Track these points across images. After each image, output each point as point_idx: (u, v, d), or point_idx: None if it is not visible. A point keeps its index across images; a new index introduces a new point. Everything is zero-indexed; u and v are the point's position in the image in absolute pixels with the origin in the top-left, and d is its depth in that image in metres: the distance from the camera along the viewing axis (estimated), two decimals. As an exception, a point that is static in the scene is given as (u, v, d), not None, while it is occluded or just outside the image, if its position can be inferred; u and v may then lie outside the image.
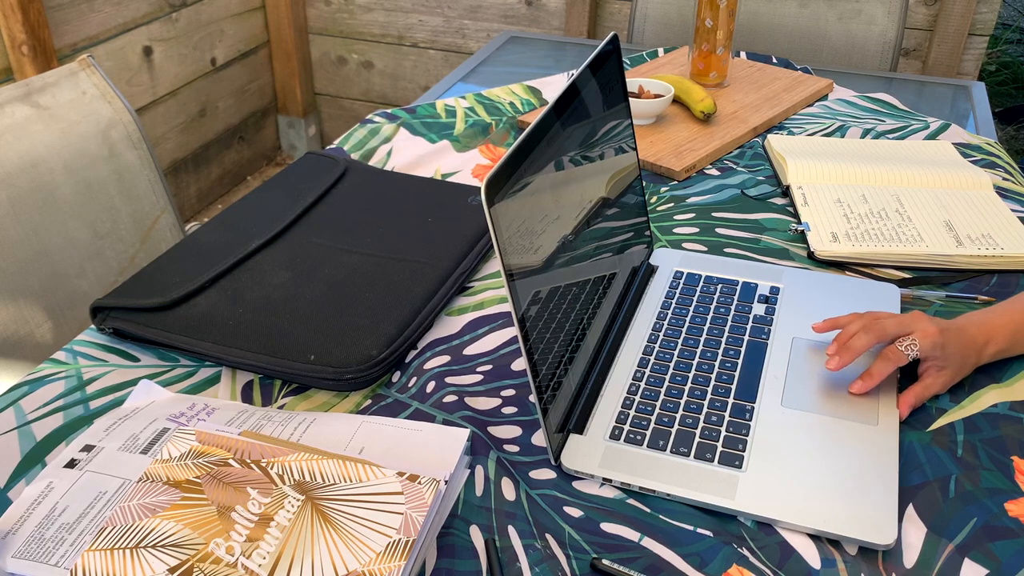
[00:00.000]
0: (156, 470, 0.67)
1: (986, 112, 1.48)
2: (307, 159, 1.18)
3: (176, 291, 0.89)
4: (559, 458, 0.74)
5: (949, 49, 2.18)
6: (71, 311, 1.10)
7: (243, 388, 0.83)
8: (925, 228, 1.05)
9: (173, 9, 2.36)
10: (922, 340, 0.78)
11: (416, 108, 1.40)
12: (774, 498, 0.69)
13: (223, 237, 0.99)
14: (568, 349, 0.76)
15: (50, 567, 0.63)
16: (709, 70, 1.45)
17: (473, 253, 0.99)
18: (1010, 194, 1.14)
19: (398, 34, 2.68)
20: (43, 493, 0.69)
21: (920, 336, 0.78)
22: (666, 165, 1.20)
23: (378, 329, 0.85)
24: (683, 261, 1.00)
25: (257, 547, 0.61)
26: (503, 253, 0.65)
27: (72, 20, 2.07)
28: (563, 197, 0.76)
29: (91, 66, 1.17)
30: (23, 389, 0.82)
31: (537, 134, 0.71)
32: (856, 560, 0.66)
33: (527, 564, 0.65)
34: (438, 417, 0.78)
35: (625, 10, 2.42)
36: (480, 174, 1.21)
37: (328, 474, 0.67)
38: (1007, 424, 0.78)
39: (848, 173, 1.16)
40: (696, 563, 0.65)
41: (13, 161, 1.05)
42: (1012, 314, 0.83)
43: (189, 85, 2.47)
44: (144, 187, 1.20)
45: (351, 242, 0.99)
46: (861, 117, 1.38)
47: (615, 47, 0.88)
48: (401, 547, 0.62)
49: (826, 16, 1.80)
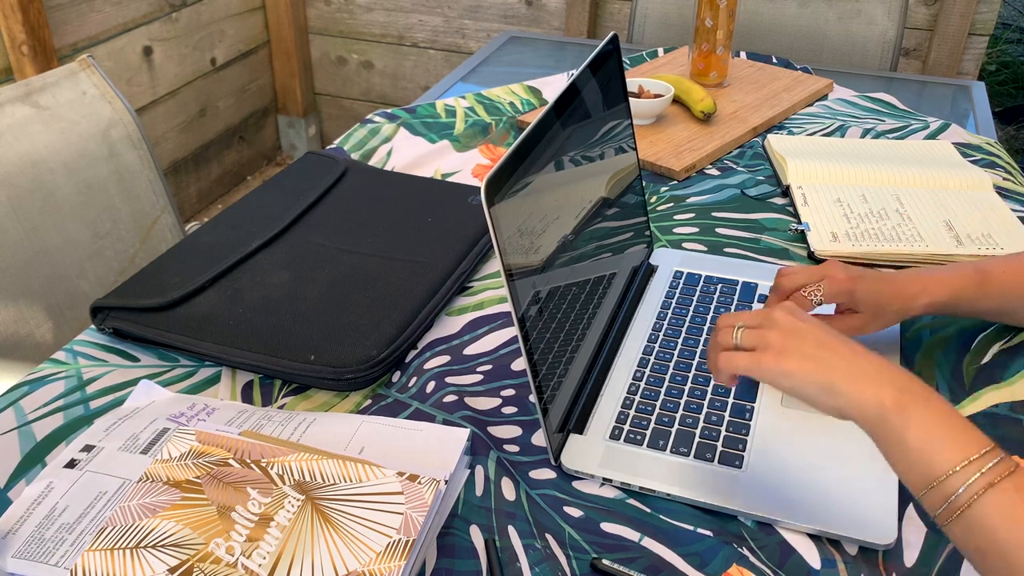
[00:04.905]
0: (156, 470, 0.67)
1: (986, 112, 1.48)
2: (307, 159, 1.18)
3: (176, 291, 0.89)
4: (559, 458, 0.74)
5: (949, 49, 2.18)
6: (71, 311, 1.10)
7: (243, 388, 0.83)
8: (925, 228, 1.05)
9: (173, 9, 2.36)
10: (828, 286, 0.77)
11: (416, 108, 1.40)
12: (774, 498, 0.69)
13: (223, 237, 0.99)
14: (568, 349, 0.76)
15: (50, 567, 0.63)
16: (709, 70, 1.45)
17: (473, 253, 0.99)
18: (1010, 194, 1.14)
19: (398, 34, 2.68)
20: (43, 493, 0.69)
21: (828, 282, 0.78)
22: (666, 165, 1.20)
23: (378, 329, 0.85)
24: (683, 261, 1.00)
25: (257, 547, 0.61)
26: (503, 253, 0.65)
27: (72, 20, 2.07)
28: (563, 197, 0.76)
29: (91, 66, 1.17)
30: (23, 389, 0.82)
31: (537, 134, 0.71)
32: (856, 560, 0.66)
33: (527, 564, 0.65)
34: (438, 417, 0.78)
35: (625, 10, 2.42)
36: (480, 174, 1.21)
37: (328, 474, 0.67)
38: (1007, 424, 0.78)
39: (848, 173, 1.16)
40: (696, 563, 0.65)
41: (13, 161, 1.05)
42: (962, 269, 0.80)
43: (189, 85, 2.47)
44: (144, 187, 1.20)
45: (351, 242, 0.99)
46: (861, 117, 1.38)
47: (615, 47, 0.88)
48: (401, 547, 0.62)
49: (826, 16, 1.80)
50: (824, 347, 0.62)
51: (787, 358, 0.62)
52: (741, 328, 0.65)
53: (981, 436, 0.57)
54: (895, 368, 0.60)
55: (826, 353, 0.61)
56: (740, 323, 0.66)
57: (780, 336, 0.63)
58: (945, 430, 0.57)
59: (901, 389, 0.59)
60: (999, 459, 0.55)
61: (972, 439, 0.56)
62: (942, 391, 0.82)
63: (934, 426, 0.57)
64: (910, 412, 0.58)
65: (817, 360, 0.61)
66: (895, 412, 0.58)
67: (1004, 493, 0.54)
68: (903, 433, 0.57)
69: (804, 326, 0.63)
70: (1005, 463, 0.55)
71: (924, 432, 0.57)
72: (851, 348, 0.62)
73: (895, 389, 0.59)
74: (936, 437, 0.57)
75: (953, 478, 0.55)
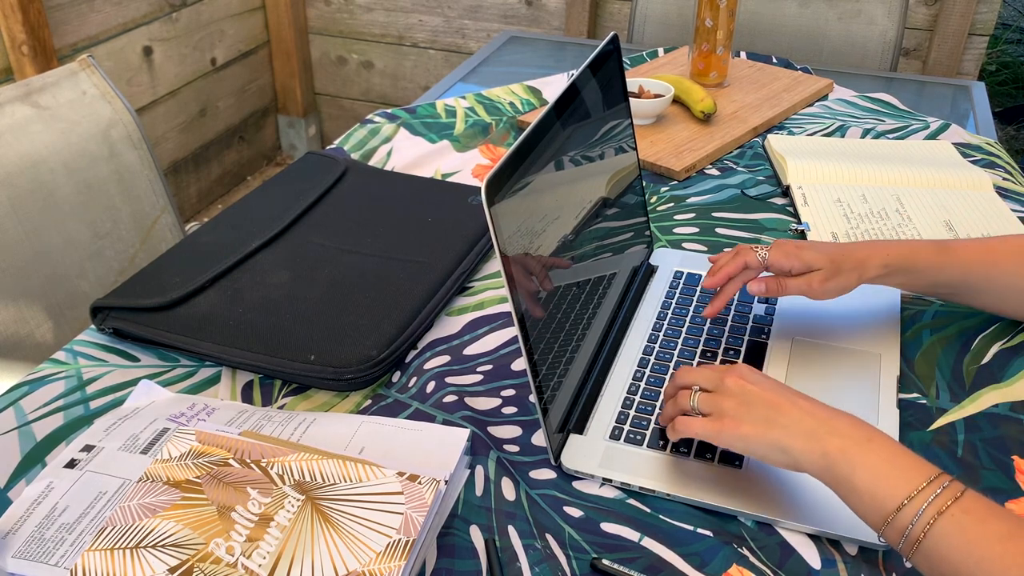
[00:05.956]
0: (156, 470, 0.67)
1: (986, 112, 1.48)
2: (307, 159, 1.18)
3: (176, 291, 0.89)
4: (559, 458, 0.74)
5: (949, 49, 2.18)
6: (71, 311, 1.10)
7: (243, 388, 0.83)
8: (925, 228, 1.05)
9: (173, 9, 2.36)
10: (775, 247, 0.83)
11: (416, 108, 1.40)
12: (774, 498, 0.69)
13: (223, 237, 0.99)
14: (568, 349, 0.76)
15: (50, 567, 0.63)
16: (709, 70, 1.45)
17: (473, 253, 0.99)
18: (1010, 194, 1.14)
19: (398, 34, 2.68)
20: (43, 493, 0.69)
21: (775, 244, 0.83)
22: (666, 165, 1.20)
23: (378, 329, 0.85)
24: (683, 261, 1.00)
25: (257, 547, 0.61)
26: (503, 253, 0.65)
27: (72, 20, 2.07)
28: (563, 197, 0.76)
29: (91, 66, 1.17)
30: (23, 389, 0.82)
31: (537, 134, 0.71)
32: (856, 560, 0.66)
33: (527, 564, 0.65)
34: (438, 417, 0.78)
35: (625, 10, 2.42)
36: (480, 174, 1.21)
37: (328, 474, 0.67)
38: (1007, 424, 0.78)
39: (848, 173, 1.16)
40: (696, 563, 0.65)
41: (13, 161, 1.05)
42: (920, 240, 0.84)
43: (189, 85, 2.47)
44: (144, 187, 1.20)
45: (351, 242, 0.99)
46: (861, 117, 1.38)
47: (615, 47, 0.88)
48: (401, 547, 0.62)
49: (826, 16, 1.80)
50: (773, 409, 0.65)
51: (740, 425, 0.65)
52: (697, 392, 0.69)
53: (926, 466, 0.59)
54: (841, 417, 0.64)
55: (775, 415, 0.65)
56: (697, 386, 0.69)
57: (733, 404, 0.67)
58: (890, 467, 0.60)
59: (844, 437, 0.62)
60: (944, 486, 0.57)
61: (918, 470, 0.59)
62: (942, 391, 0.82)
63: (879, 465, 0.60)
64: (854, 457, 0.61)
65: (767, 423, 0.65)
66: (841, 460, 0.61)
67: (952, 519, 0.56)
68: (851, 478, 0.60)
69: (755, 390, 0.67)
70: (951, 489, 0.57)
71: (869, 473, 0.60)
72: (799, 407, 0.65)
73: (838, 438, 0.62)
74: (882, 475, 0.59)
75: (904, 512, 0.58)
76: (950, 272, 0.82)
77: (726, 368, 0.69)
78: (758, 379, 0.68)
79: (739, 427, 0.65)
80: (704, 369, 0.70)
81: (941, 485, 0.57)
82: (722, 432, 0.66)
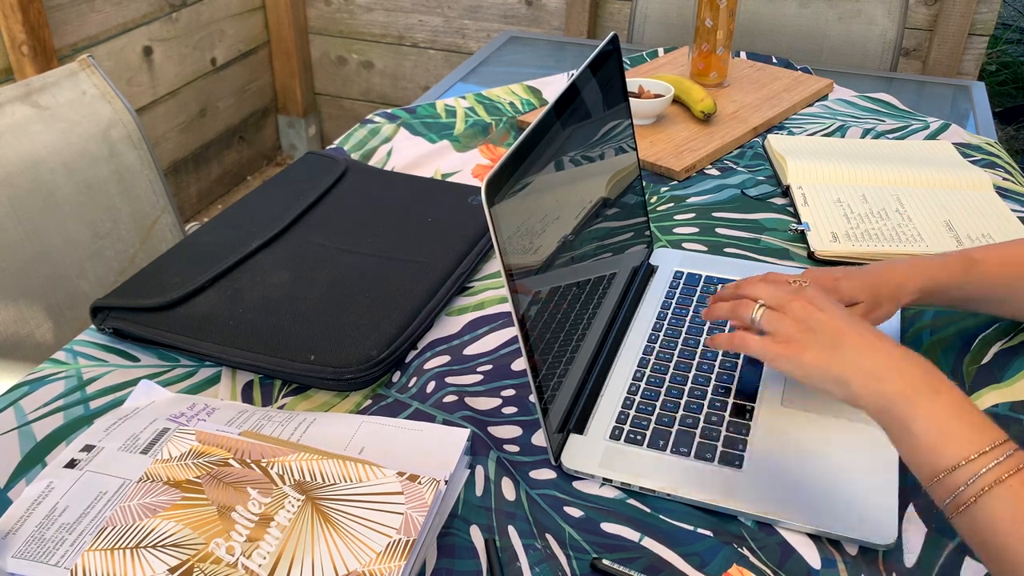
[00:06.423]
0: (156, 470, 0.67)
1: (986, 112, 1.48)
2: (307, 159, 1.18)
3: (176, 291, 0.89)
4: (559, 458, 0.74)
5: (949, 49, 2.18)
6: (71, 311, 1.10)
7: (243, 388, 0.83)
8: (925, 228, 1.05)
9: (173, 9, 2.36)
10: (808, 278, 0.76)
11: (416, 108, 1.40)
12: (774, 498, 0.69)
13: (223, 237, 0.99)
14: (568, 349, 0.76)
15: (50, 567, 0.63)
16: (709, 70, 1.45)
17: (473, 253, 0.99)
18: (1010, 194, 1.14)
19: (398, 34, 2.68)
20: (43, 493, 0.69)
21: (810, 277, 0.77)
22: (666, 165, 1.20)
23: (378, 329, 0.85)
24: (683, 261, 1.00)
25: (257, 547, 0.61)
26: (503, 253, 0.65)
27: (72, 20, 2.07)
28: (563, 197, 0.76)
29: (91, 66, 1.17)
30: (23, 389, 0.82)
31: (537, 134, 0.71)
32: (856, 560, 0.66)
33: (527, 564, 0.65)
34: (438, 417, 0.78)
35: (625, 10, 2.42)
36: (480, 174, 1.21)
37: (328, 474, 0.67)
38: (1007, 424, 0.78)
39: (848, 173, 1.16)
40: (696, 563, 0.65)
41: (13, 161, 1.05)
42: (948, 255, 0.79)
43: (189, 85, 2.47)
44: (144, 187, 1.20)
45: (351, 242, 0.99)
46: (861, 117, 1.38)
47: (615, 47, 0.88)
48: (401, 547, 0.62)
49: (826, 16, 1.80)
50: (839, 339, 0.62)
51: (803, 351, 0.62)
52: (762, 308, 0.66)
53: (993, 429, 0.56)
54: (910, 359, 0.60)
55: (840, 346, 0.62)
56: (761, 300, 0.66)
57: (798, 329, 0.64)
58: (955, 423, 0.57)
59: (910, 382, 0.59)
60: (1008, 454, 0.55)
61: (983, 432, 0.56)
62: (942, 391, 0.81)
63: (942, 418, 0.57)
64: (917, 405, 0.58)
65: (830, 354, 0.62)
66: (902, 404, 0.58)
67: (1011, 489, 0.54)
68: (909, 425, 0.58)
69: (822, 316, 0.64)
70: (1014, 458, 0.55)
71: (931, 425, 0.57)
72: (867, 340, 0.62)
73: (904, 383, 0.59)
74: (943, 430, 0.57)
75: (959, 472, 0.55)
76: (974, 289, 0.80)
77: (796, 288, 0.66)
78: (827, 305, 0.64)
79: (801, 354, 0.62)
80: (771, 285, 0.67)
81: (1005, 453, 0.55)
82: (781, 356, 0.63)
